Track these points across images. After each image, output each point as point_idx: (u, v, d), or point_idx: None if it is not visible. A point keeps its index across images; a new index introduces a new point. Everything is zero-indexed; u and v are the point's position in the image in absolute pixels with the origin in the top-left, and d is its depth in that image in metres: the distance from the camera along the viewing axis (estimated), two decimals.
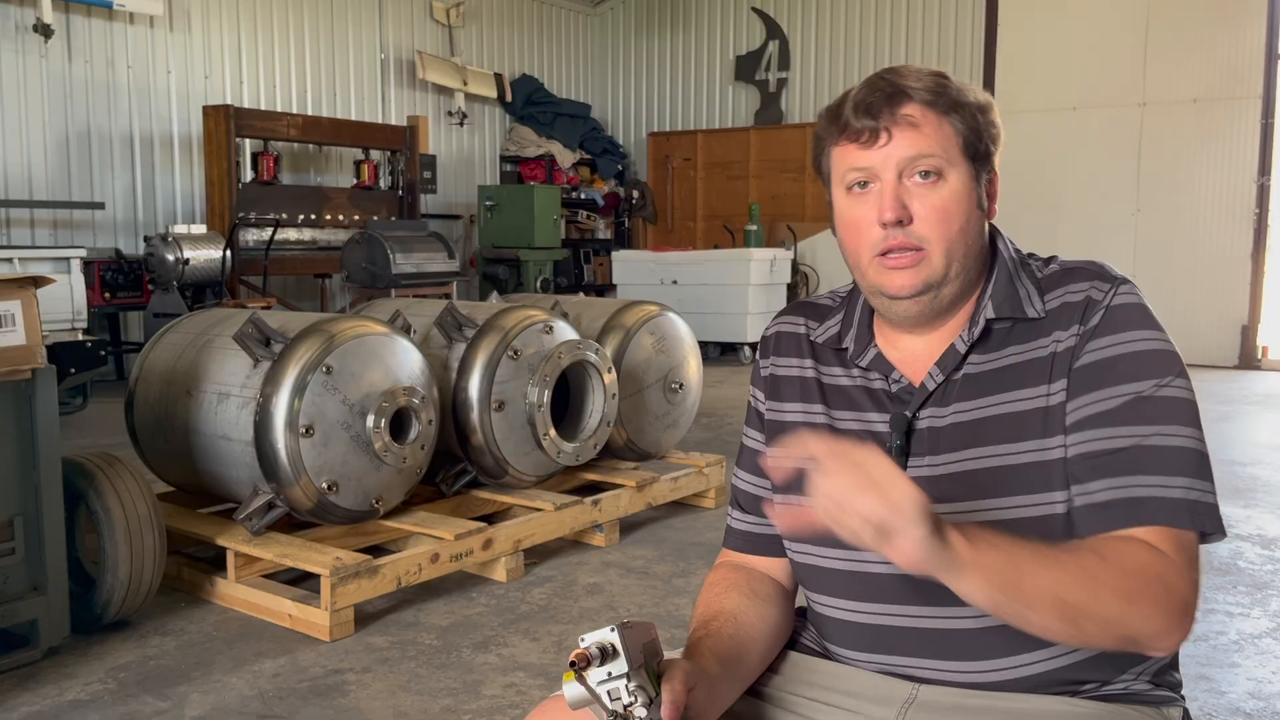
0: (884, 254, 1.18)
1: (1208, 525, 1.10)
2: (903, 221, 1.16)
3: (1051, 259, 1.26)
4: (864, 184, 1.19)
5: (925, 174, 1.16)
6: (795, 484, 1.32)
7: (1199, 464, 1.12)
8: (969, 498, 1.18)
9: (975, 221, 1.21)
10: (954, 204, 1.17)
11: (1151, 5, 9.20)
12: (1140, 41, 9.28)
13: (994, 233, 1.28)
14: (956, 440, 1.20)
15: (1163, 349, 1.16)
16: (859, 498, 0.95)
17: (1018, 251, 1.28)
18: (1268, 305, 9.05)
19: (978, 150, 1.20)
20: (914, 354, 1.26)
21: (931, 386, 1.22)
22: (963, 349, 1.21)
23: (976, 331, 1.21)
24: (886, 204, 1.16)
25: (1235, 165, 8.98)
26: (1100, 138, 9.46)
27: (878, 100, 1.17)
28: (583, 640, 1.02)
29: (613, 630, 1.02)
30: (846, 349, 1.30)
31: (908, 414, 1.22)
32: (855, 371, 1.29)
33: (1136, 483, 1.10)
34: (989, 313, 1.21)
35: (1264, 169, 8.89)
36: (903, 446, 1.22)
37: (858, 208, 1.20)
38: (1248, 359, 8.99)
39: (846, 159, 1.20)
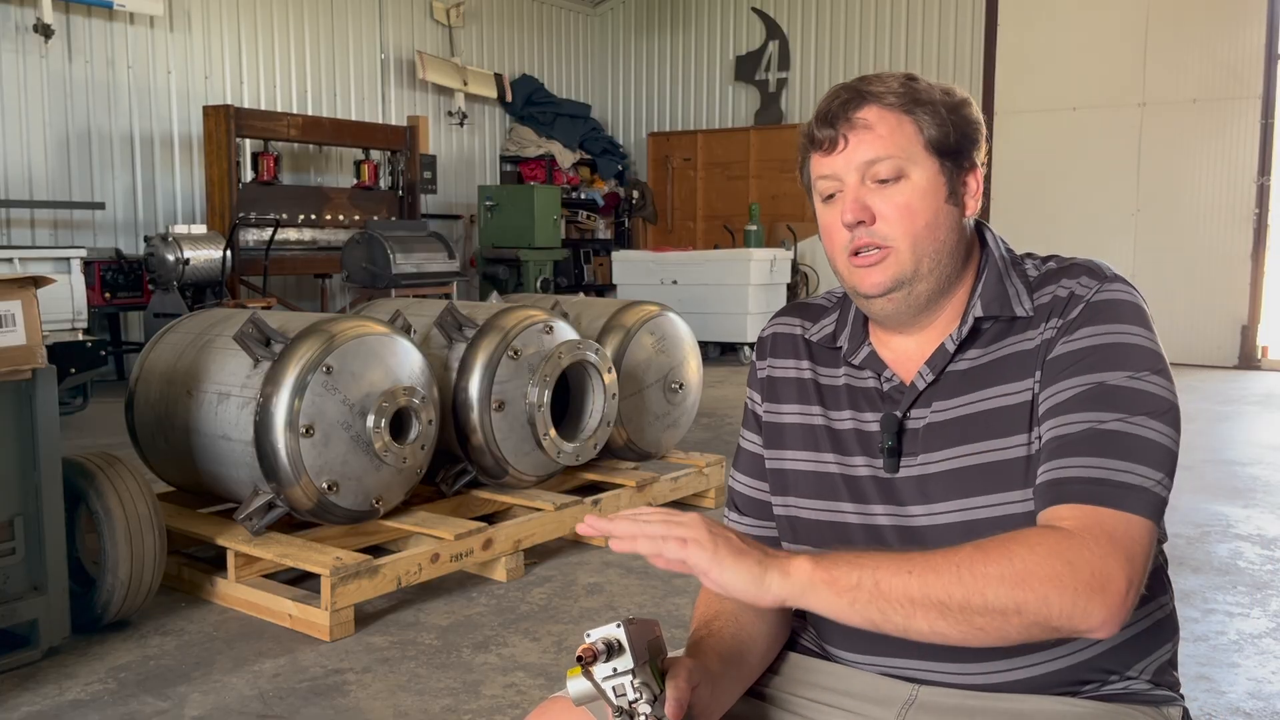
0: (855, 254, 1.21)
1: (1144, 511, 1.05)
2: (865, 222, 1.19)
3: (1050, 257, 1.26)
4: (832, 195, 1.22)
5: (884, 180, 1.18)
6: (792, 486, 1.33)
7: (1158, 456, 1.08)
8: (962, 495, 1.18)
9: (946, 217, 1.21)
10: (917, 201, 1.19)
11: (1151, 5, 9.20)
12: (1140, 42, 9.28)
13: (983, 230, 1.28)
14: (946, 437, 1.20)
15: (1142, 344, 1.13)
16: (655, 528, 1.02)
17: (1009, 250, 1.27)
18: (1268, 305, 9.04)
19: (946, 146, 1.20)
20: (906, 353, 1.26)
21: (922, 385, 1.23)
22: (952, 348, 1.22)
23: (965, 330, 1.22)
24: (847, 206, 1.19)
25: (1235, 165, 8.98)
26: (1100, 138, 9.47)
27: (835, 108, 1.20)
28: (588, 635, 1.02)
29: (618, 626, 1.02)
30: (840, 348, 1.31)
31: (897, 414, 1.23)
32: (850, 370, 1.30)
33: (1076, 464, 1.07)
34: (977, 311, 1.21)
35: (1264, 169, 8.89)
36: (894, 447, 1.22)
37: (829, 214, 1.23)
38: (1247, 359, 8.98)
39: (817, 168, 1.24)
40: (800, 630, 1.37)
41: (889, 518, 1.22)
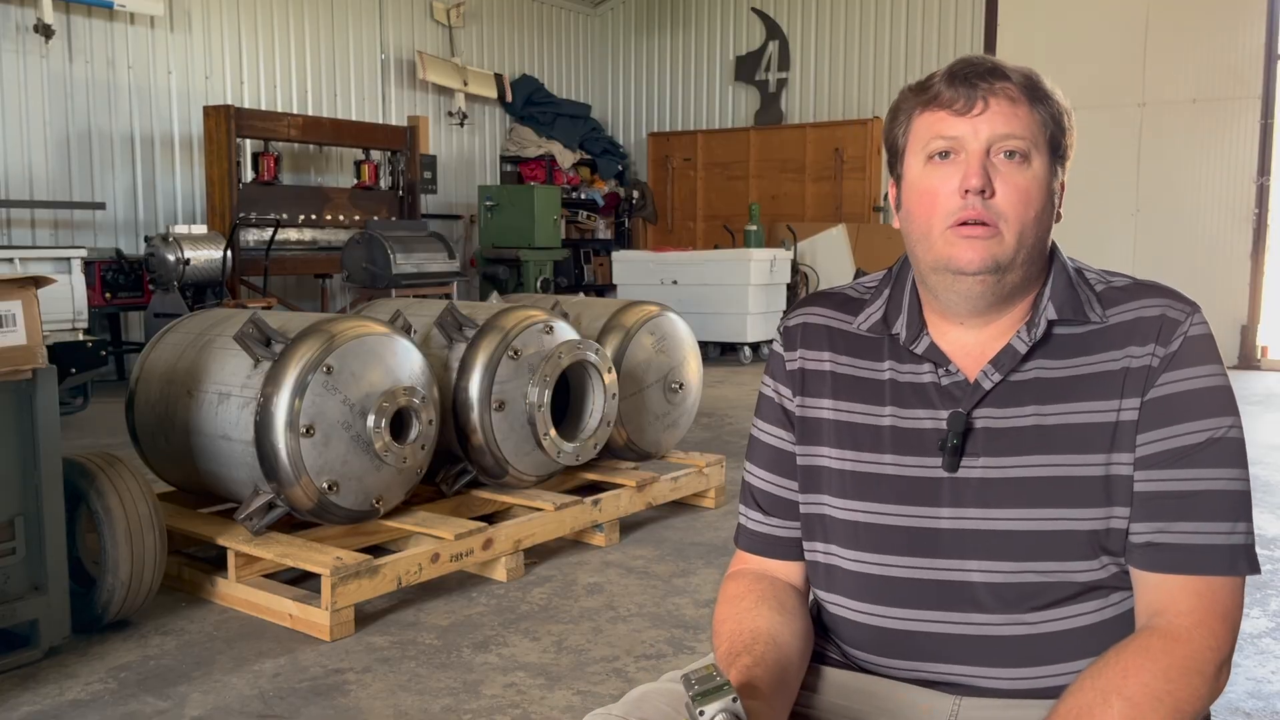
0: (958, 225, 1.15)
1: (1254, 567, 1.14)
2: (985, 193, 1.14)
3: (1114, 273, 1.24)
4: (946, 154, 1.16)
5: (1011, 154, 1.15)
6: (825, 484, 1.27)
7: (1246, 505, 1.15)
8: (1025, 504, 1.15)
9: (1048, 213, 1.19)
10: (1035, 188, 1.16)
11: (1151, 5, 9.21)
12: (1140, 41, 9.29)
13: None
14: (1018, 445, 1.16)
15: (1227, 385, 1.17)
16: None
17: (1071, 259, 1.26)
18: (1267, 305, 9.05)
19: (1059, 146, 1.19)
20: (964, 348, 1.21)
21: (987, 385, 1.18)
22: (1023, 349, 1.18)
23: (1038, 333, 1.18)
24: (973, 171, 1.14)
25: (1235, 165, 8.99)
26: (1100, 138, 9.45)
27: (977, 71, 1.16)
28: (703, 714, 1.00)
29: (735, 700, 1.01)
30: (897, 335, 1.24)
31: (962, 410, 1.18)
32: (897, 364, 1.24)
33: (1181, 529, 1.12)
34: (1050, 314, 1.18)
35: (1264, 169, 8.89)
36: (958, 445, 1.18)
37: (935, 176, 1.17)
38: (1247, 359, 8.99)
39: (934, 126, 1.17)
40: (824, 643, 1.32)
41: (943, 519, 1.19)
